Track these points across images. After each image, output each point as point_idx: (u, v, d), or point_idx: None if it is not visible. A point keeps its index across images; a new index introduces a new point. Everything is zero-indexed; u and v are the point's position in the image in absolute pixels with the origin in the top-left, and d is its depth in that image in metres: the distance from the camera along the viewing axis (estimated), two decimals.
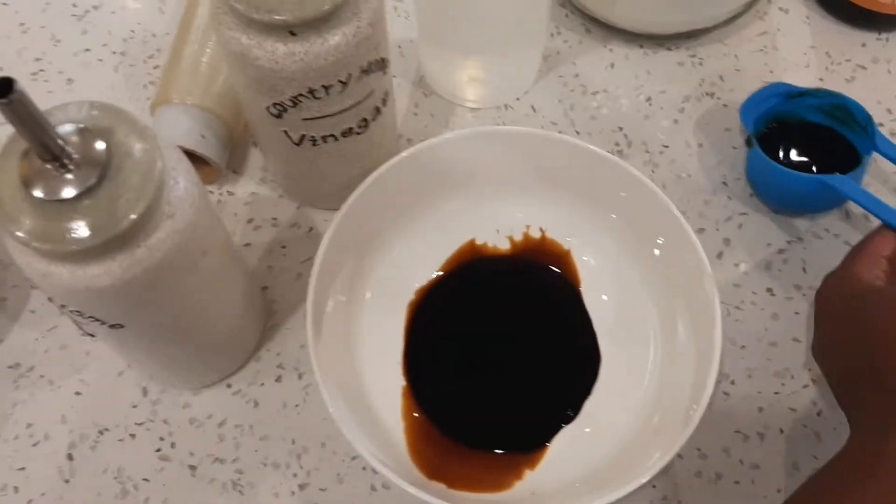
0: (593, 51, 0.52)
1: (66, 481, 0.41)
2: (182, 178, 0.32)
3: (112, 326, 0.34)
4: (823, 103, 0.46)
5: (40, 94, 0.50)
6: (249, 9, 0.33)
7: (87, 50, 0.52)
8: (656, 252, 0.41)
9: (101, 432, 0.42)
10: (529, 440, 0.40)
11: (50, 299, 0.33)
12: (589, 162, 0.42)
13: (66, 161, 0.29)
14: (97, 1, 0.54)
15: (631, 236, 0.42)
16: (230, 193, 0.48)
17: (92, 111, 0.31)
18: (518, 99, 0.50)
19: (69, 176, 0.29)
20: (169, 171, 0.31)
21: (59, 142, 0.28)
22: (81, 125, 0.30)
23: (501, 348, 0.42)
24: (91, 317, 0.33)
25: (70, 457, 0.42)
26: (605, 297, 0.43)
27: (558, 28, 0.52)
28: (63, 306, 0.33)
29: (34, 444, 0.42)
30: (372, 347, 0.42)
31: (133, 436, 0.42)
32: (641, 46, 0.52)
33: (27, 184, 0.29)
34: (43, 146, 0.28)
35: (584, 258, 0.44)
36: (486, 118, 0.50)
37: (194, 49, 0.46)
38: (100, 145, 0.30)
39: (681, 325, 0.40)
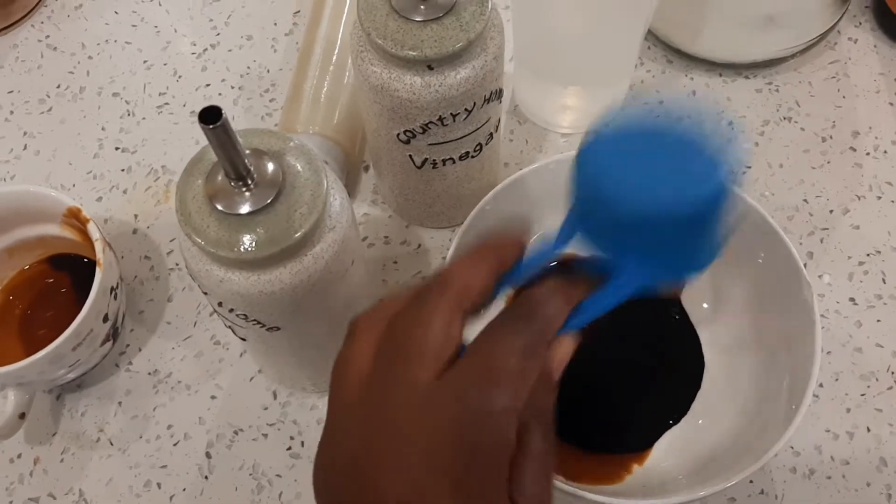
0: (675, 80, 0.56)
1: (206, 477, 0.45)
2: (338, 195, 0.36)
3: (269, 329, 0.38)
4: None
5: (166, 125, 0.55)
6: (394, 47, 0.37)
7: (208, 85, 0.57)
8: (756, 266, 0.44)
9: (235, 432, 0.46)
10: (636, 443, 0.43)
11: (219, 304, 0.37)
12: None
13: (249, 180, 0.33)
14: (214, 40, 0.59)
15: (729, 248, 0.45)
16: None
17: (261, 137, 0.35)
18: None
19: (249, 193, 0.33)
20: (329, 189, 0.35)
21: (247, 163, 0.33)
22: (257, 148, 0.34)
23: (607, 356, 0.45)
24: (254, 320, 0.37)
25: (208, 455, 0.46)
26: (705, 306, 0.46)
27: (642, 59, 0.56)
28: (231, 310, 0.37)
29: (175, 444, 0.46)
30: None
31: (265, 435, 0.46)
32: (720, 75, 0.56)
33: (212, 199, 0.33)
34: (234, 166, 0.32)
35: None
36: (578, 143, 0.54)
37: (314, 84, 0.50)
38: (273, 166, 0.34)
39: (779, 330, 0.43)
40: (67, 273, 0.49)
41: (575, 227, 0.31)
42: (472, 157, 0.45)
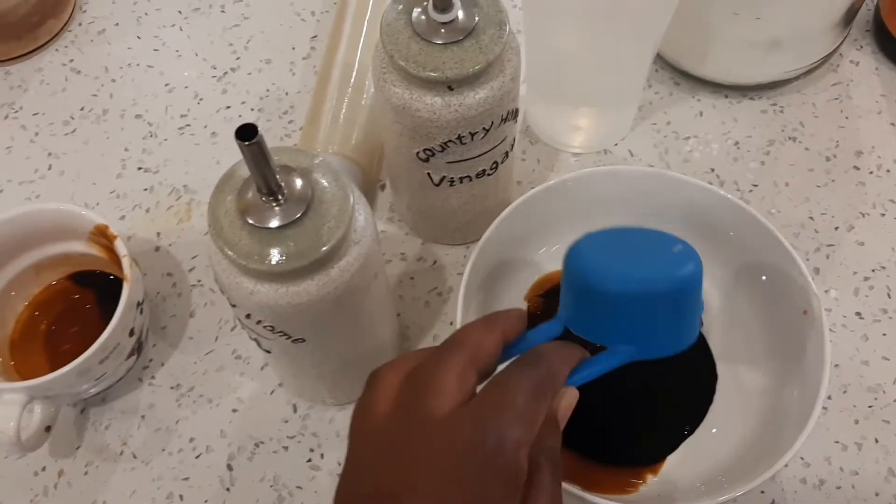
0: (683, 101, 0.57)
1: (227, 489, 0.46)
2: (362, 211, 0.38)
3: (294, 341, 0.39)
4: None
5: (188, 146, 0.57)
6: (417, 68, 0.39)
7: (228, 107, 0.58)
8: (764, 279, 0.45)
9: (256, 445, 0.47)
10: (651, 455, 0.44)
11: (247, 316, 0.38)
12: (695, 195, 0.46)
13: (279, 195, 0.34)
14: (234, 63, 0.61)
15: (737, 263, 0.47)
16: None
17: (289, 154, 0.37)
18: (616, 145, 0.55)
19: (279, 208, 0.35)
20: (355, 205, 0.37)
21: (279, 178, 0.34)
22: (286, 165, 0.36)
23: (623, 370, 0.46)
24: (281, 331, 0.38)
25: (230, 467, 0.47)
26: (714, 319, 0.47)
27: (650, 82, 0.58)
28: (259, 322, 0.38)
29: (197, 457, 0.47)
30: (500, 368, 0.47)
31: (286, 448, 0.47)
32: (727, 96, 0.57)
33: (244, 214, 0.35)
34: (266, 182, 0.33)
35: None
36: (588, 162, 0.55)
37: (333, 105, 0.52)
38: (302, 182, 0.35)
39: (789, 343, 0.44)
40: (92, 289, 0.50)
41: (568, 315, 0.35)
42: (489, 174, 0.46)
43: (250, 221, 0.34)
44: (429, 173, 0.45)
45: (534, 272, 0.50)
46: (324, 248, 0.34)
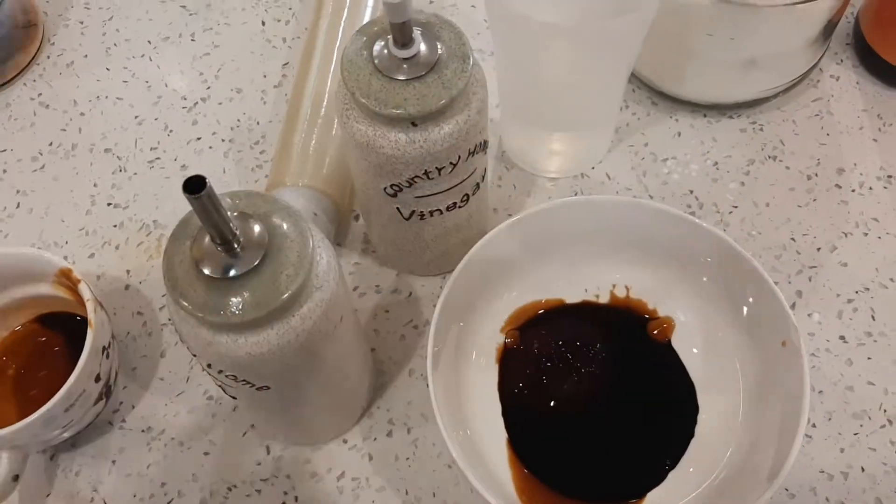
0: (660, 122, 0.56)
1: None
2: (325, 254, 0.36)
3: (259, 389, 0.38)
4: None
5: (158, 180, 0.56)
6: (378, 105, 0.38)
7: (199, 138, 0.57)
8: (745, 309, 0.44)
9: (229, 488, 0.46)
10: (630, 491, 0.43)
11: (208, 365, 0.37)
12: (672, 224, 0.45)
13: (234, 245, 0.33)
14: (205, 93, 0.60)
15: (716, 293, 0.46)
16: None
17: (246, 199, 0.36)
18: (593, 168, 0.54)
19: (235, 257, 0.34)
20: (315, 249, 0.36)
21: (233, 228, 0.33)
22: (243, 211, 0.35)
23: (596, 400, 0.46)
24: (244, 380, 0.37)
25: None
26: (694, 350, 0.46)
27: (627, 102, 0.57)
28: (220, 371, 0.37)
29: (168, 502, 0.46)
30: (478, 401, 0.46)
31: (259, 491, 0.46)
32: (705, 116, 0.56)
33: (199, 263, 0.34)
34: (219, 233, 0.32)
35: (674, 314, 0.47)
36: (565, 187, 0.54)
37: (302, 137, 0.51)
38: (259, 228, 0.34)
39: (769, 373, 0.43)
40: (60, 332, 0.49)
41: None
42: (460, 207, 0.45)
43: (206, 272, 0.33)
44: (398, 208, 0.44)
45: (511, 303, 0.49)
46: (283, 297, 0.33)
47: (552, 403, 0.46)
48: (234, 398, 0.41)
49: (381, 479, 0.46)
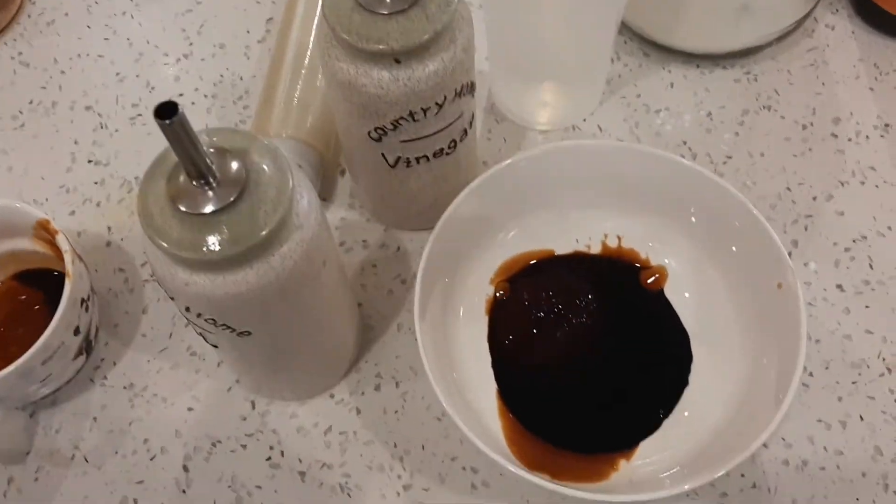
0: (653, 73, 0.55)
1: (183, 491, 0.44)
2: (306, 194, 0.35)
3: (240, 334, 0.37)
4: None
5: (140, 137, 0.55)
6: (359, 40, 0.37)
7: (181, 94, 0.56)
8: (734, 248, 0.43)
9: (213, 444, 0.45)
10: (623, 441, 0.42)
11: (187, 309, 0.36)
12: (663, 169, 0.44)
13: (210, 179, 0.32)
14: (187, 50, 0.58)
15: (708, 237, 0.45)
16: None
17: (225, 136, 0.34)
18: (584, 120, 0.53)
19: (212, 192, 0.32)
20: (296, 187, 0.35)
21: (208, 161, 0.32)
22: (220, 147, 0.34)
23: (596, 356, 0.45)
24: (223, 324, 0.36)
25: (186, 468, 0.44)
26: (687, 295, 0.45)
27: (618, 54, 0.56)
28: (199, 315, 0.36)
29: (151, 458, 0.45)
30: (467, 353, 0.45)
31: (244, 446, 0.45)
32: (698, 66, 0.55)
33: (175, 200, 0.32)
34: (194, 165, 0.31)
35: (666, 261, 0.46)
36: (556, 139, 0.53)
37: (286, 87, 0.50)
38: (237, 164, 0.33)
39: (764, 318, 0.42)
40: (40, 289, 0.48)
41: None
42: (447, 154, 0.44)
43: (181, 208, 0.32)
44: (383, 154, 0.43)
45: (500, 254, 0.47)
46: (261, 234, 0.32)
47: (543, 355, 0.45)
48: (215, 346, 0.40)
49: (369, 432, 0.45)
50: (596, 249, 0.47)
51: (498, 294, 0.47)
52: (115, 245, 0.51)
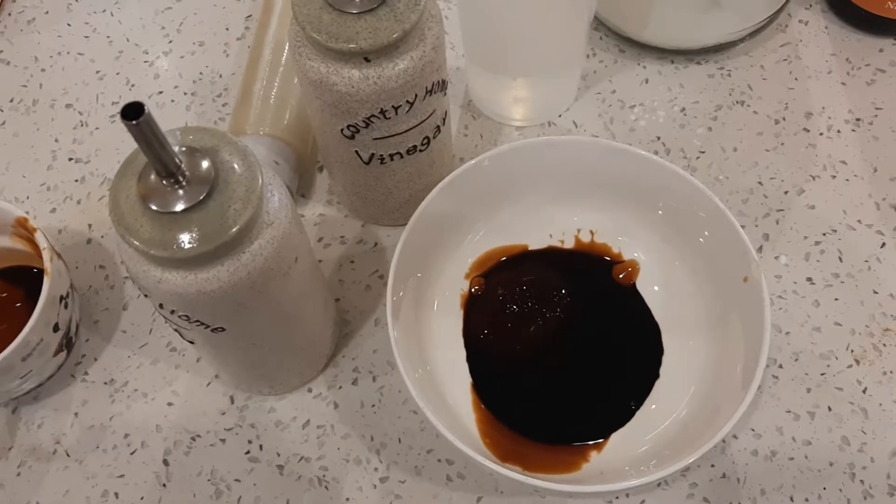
0: (628, 69, 0.56)
1: (164, 485, 0.45)
2: (276, 191, 0.36)
3: (214, 330, 0.37)
4: None
5: (120, 134, 0.55)
6: (329, 40, 0.37)
7: (161, 92, 0.57)
8: (701, 240, 0.44)
9: (193, 438, 0.46)
10: (594, 433, 0.43)
11: (160, 306, 0.36)
12: (632, 164, 0.45)
13: (180, 178, 0.33)
14: (166, 47, 0.59)
15: (677, 232, 0.45)
16: (300, 215, 0.51)
17: (196, 134, 0.35)
18: (560, 116, 0.54)
19: (182, 191, 0.33)
20: (266, 185, 0.35)
21: (176, 160, 0.32)
22: (190, 146, 0.34)
23: (561, 345, 0.45)
24: (197, 321, 0.37)
25: (166, 462, 0.45)
26: (656, 289, 0.46)
27: (594, 50, 0.56)
28: (173, 312, 0.36)
29: (132, 453, 0.45)
30: (441, 348, 0.46)
31: (223, 440, 0.45)
32: (672, 62, 0.56)
33: (145, 199, 0.33)
34: (162, 164, 0.32)
35: (636, 255, 0.47)
36: (532, 135, 0.54)
37: (263, 85, 0.50)
38: (207, 163, 0.34)
39: (731, 311, 0.43)
40: (21, 287, 0.48)
41: None
42: (421, 150, 0.44)
43: (152, 207, 0.33)
44: (357, 151, 0.43)
45: (474, 250, 0.48)
46: (231, 231, 0.33)
47: (517, 348, 0.45)
48: (191, 342, 0.40)
49: (346, 426, 0.45)
50: (569, 244, 0.48)
51: (473, 290, 0.47)
52: (95, 242, 0.51)
